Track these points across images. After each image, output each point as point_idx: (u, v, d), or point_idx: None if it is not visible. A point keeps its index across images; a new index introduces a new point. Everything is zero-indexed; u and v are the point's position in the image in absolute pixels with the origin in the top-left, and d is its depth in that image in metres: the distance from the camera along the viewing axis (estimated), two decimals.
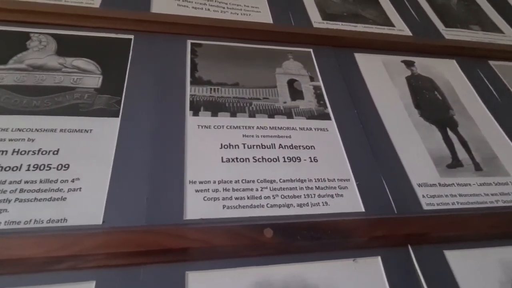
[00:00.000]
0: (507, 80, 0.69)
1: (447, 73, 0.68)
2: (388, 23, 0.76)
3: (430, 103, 0.61)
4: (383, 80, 0.63)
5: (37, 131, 0.42)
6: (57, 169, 0.40)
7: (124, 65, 0.52)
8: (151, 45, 0.55)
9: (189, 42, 0.58)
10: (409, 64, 0.67)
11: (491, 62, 0.73)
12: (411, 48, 0.69)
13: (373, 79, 0.62)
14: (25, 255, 0.32)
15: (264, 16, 0.66)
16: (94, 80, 0.49)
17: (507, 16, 0.89)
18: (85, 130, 0.44)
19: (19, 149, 0.40)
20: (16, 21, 0.53)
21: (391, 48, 0.68)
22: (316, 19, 0.70)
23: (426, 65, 0.68)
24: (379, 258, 0.40)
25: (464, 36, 0.78)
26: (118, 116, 0.46)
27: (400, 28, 0.75)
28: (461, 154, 0.54)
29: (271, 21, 0.65)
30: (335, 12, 0.74)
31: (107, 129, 0.44)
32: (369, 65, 0.64)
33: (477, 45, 0.73)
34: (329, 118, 0.54)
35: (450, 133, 0.57)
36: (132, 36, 0.56)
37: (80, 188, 0.39)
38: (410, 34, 0.73)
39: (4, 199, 0.36)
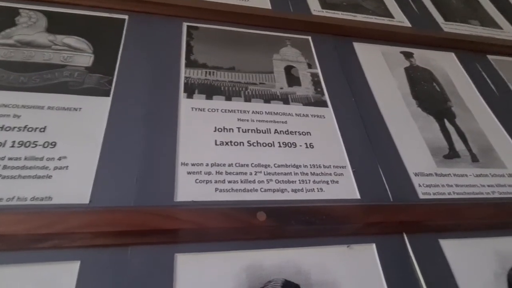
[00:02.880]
0: (504, 75, 0.69)
1: (445, 65, 0.67)
2: (388, 14, 0.75)
3: (428, 94, 0.60)
4: (381, 70, 0.62)
5: (24, 107, 0.41)
6: (43, 147, 0.38)
7: (117, 45, 0.50)
8: (145, 26, 0.54)
9: (185, 24, 0.56)
10: (408, 56, 0.66)
11: (490, 57, 0.72)
12: (410, 40, 0.68)
13: (372, 68, 0.61)
14: (7, 231, 0.31)
15: (262, 1, 0.65)
16: (86, 59, 0.48)
17: (506, 12, 0.88)
18: (74, 108, 0.42)
19: (3, 125, 0.39)
20: None
21: (390, 38, 0.67)
22: (315, 8, 0.69)
23: (425, 57, 0.67)
24: (373, 245, 0.40)
25: (463, 30, 0.78)
26: (109, 96, 0.44)
27: (400, 19, 0.74)
28: (458, 145, 0.54)
29: (269, 7, 0.64)
30: (334, 1, 0.73)
31: (97, 108, 0.43)
32: (368, 54, 0.63)
33: (476, 39, 0.73)
34: (326, 105, 0.52)
35: (447, 124, 0.56)
36: (126, 17, 0.54)
37: (67, 167, 0.37)
38: (409, 25, 0.72)
39: None
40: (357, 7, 0.74)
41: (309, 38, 0.62)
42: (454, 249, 0.41)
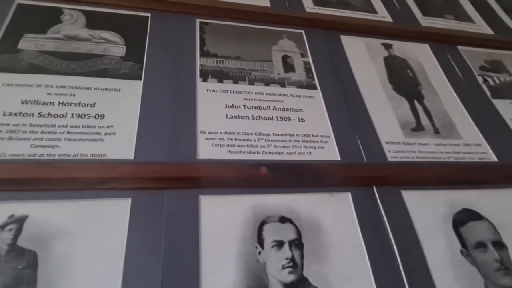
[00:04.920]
0: (471, 63, 0.80)
1: (420, 55, 0.78)
2: (372, 10, 0.85)
3: (402, 80, 0.71)
4: (364, 59, 0.73)
5: (76, 88, 0.52)
6: (95, 118, 0.50)
7: (143, 38, 0.61)
8: (165, 22, 0.64)
9: (198, 21, 0.67)
10: (388, 47, 0.77)
11: (460, 47, 0.83)
12: (390, 33, 0.79)
13: (355, 58, 0.72)
14: (80, 176, 0.42)
15: (263, 0, 0.75)
16: (120, 50, 0.58)
17: (480, 7, 0.99)
18: (115, 89, 0.54)
19: (63, 101, 0.50)
20: None
21: (372, 32, 0.78)
22: (308, 5, 0.80)
23: (402, 48, 0.78)
24: (349, 194, 0.51)
25: (439, 24, 0.88)
26: (140, 79, 0.56)
27: (382, 15, 0.85)
28: (424, 121, 0.65)
29: (269, 5, 0.75)
30: None
31: (133, 89, 0.54)
32: (353, 46, 0.74)
33: (447, 32, 0.83)
34: (316, 88, 0.64)
35: (416, 104, 0.68)
36: (149, 14, 0.65)
37: (114, 133, 0.49)
38: (390, 20, 0.83)
39: (55, 138, 0.46)
40: (346, 4, 0.85)
41: (303, 31, 0.73)
42: (412, 198, 0.53)
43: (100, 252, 0.40)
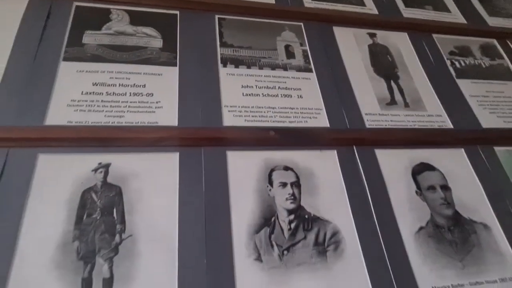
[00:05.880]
0: (442, 48, 0.95)
1: (399, 43, 0.94)
2: (361, 3, 1.00)
3: (382, 64, 0.87)
4: (351, 47, 0.88)
5: (130, 73, 0.69)
6: (146, 96, 0.67)
7: (175, 32, 0.77)
8: (191, 19, 0.80)
9: (216, 17, 0.82)
10: (372, 35, 0.93)
11: (434, 35, 0.98)
12: (375, 24, 0.94)
13: (345, 46, 0.88)
14: (145, 136, 0.60)
15: None
16: (158, 42, 0.75)
17: None
18: (158, 74, 0.70)
19: (122, 83, 0.67)
20: (98, 0, 0.77)
21: (360, 23, 0.93)
22: (306, 0, 0.94)
23: (384, 36, 0.94)
24: (335, 151, 0.69)
25: (419, 14, 1.03)
26: (176, 66, 0.72)
27: (370, 7, 0.99)
28: (397, 97, 0.82)
29: (273, 2, 0.90)
30: None
31: (171, 74, 0.71)
32: (343, 35, 0.90)
33: (424, 22, 0.98)
34: (312, 71, 0.80)
35: (392, 83, 0.84)
36: (178, 12, 0.80)
37: (162, 106, 0.66)
38: (376, 12, 0.98)
39: (121, 111, 0.63)
40: None
41: (302, 24, 0.88)
42: (383, 155, 0.71)
43: (160, 188, 0.58)
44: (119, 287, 0.49)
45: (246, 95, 0.72)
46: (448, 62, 0.93)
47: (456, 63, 0.94)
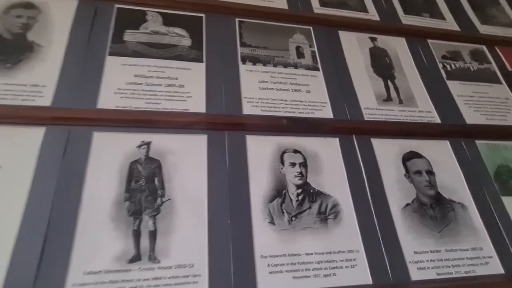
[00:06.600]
0: (435, 53, 1.07)
1: (397, 46, 1.05)
2: (364, 9, 1.11)
3: (381, 65, 0.99)
4: (354, 49, 1.00)
5: (165, 67, 0.81)
6: (179, 87, 0.79)
7: (201, 32, 0.89)
8: (215, 21, 0.92)
9: (237, 20, 0.94)
10: (373, 39, 1.04)
11: (429, 41, 1.10)
12: (376, 29, 1.06)
13: (348, 48, 0.99)
14: (176, 120, 0.72)
15: (282, 3, 1.02)
16: (187, 41, 0.87)
17: (452, 6, 1.24)
18: (188, 68, 0.82)
19: (158, 76, 0.79)
20: (136, 3, 0.89)
21: (362, 28, 1.04)
22: (316, 6, 1.06)
23: (384, 41, 1.05)
24: (337, 139, 0.81)
25: (416, 21, 1.14)
26: (203, 62, 0.84)
27: (372, 13, 1.11)
28: (393, 94, 0.94)
29: (286, 7, 1.01)
30: (329, 0, 1.10)
31: (199, 68, 0.83)
32: (347, 39, 1.01)
33: (420, 29, 1.10)
34: (319, 70, 0.92)
35: (389, 83, 0.96)
36: (203, 15, 0.92)
37: (192, 96, 0.78)
38: (378, 18, 1.09)
39: (158, 99, 0.75)
40: (344, 4, 1.11)
41: (311, 28, 1.00)
42: (378, 143, 0.83)
43: (192, 163, 0.70)
44: (162, 237, 0.61)
45: (262, 89, 0.84)
46: (440, 65, 1.05)
47: (447, 66, 1.06)
